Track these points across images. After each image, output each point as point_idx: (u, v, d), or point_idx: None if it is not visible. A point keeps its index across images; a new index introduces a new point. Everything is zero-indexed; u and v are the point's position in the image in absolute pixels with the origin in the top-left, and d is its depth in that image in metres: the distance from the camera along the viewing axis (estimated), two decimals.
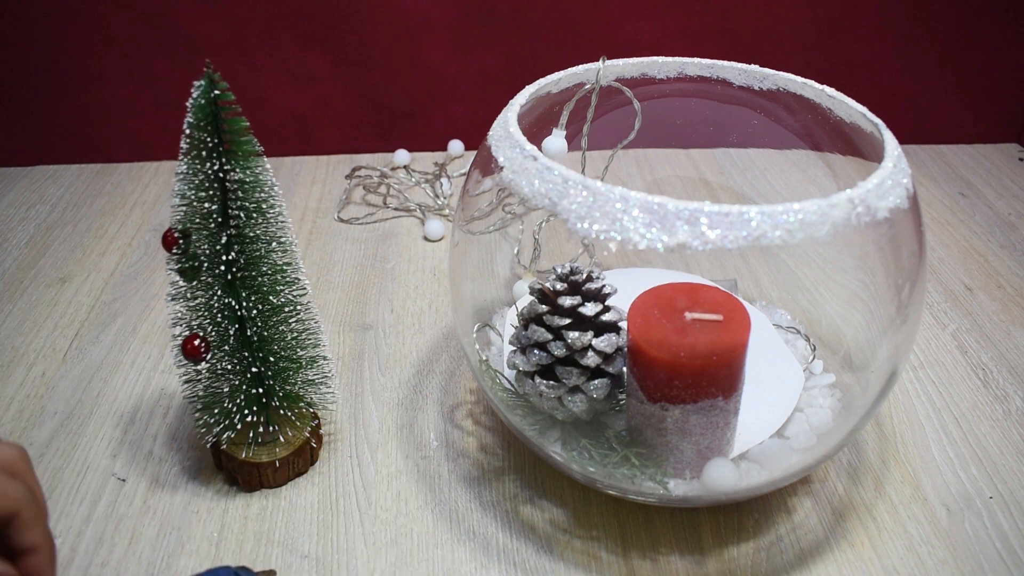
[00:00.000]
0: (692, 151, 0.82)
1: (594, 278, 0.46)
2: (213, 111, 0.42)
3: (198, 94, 0.42)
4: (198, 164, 0.43)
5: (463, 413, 0.56)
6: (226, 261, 0.44)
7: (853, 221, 0.37)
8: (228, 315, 0.45)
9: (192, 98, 0.42)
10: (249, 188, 0.44)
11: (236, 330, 0.46)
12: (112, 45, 0.85)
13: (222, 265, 0.44)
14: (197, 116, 0.42)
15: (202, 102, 0.42)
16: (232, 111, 0.42)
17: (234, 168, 0.43)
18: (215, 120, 0.42)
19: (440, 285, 0.70)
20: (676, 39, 0.89)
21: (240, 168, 0.43)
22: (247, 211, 0.44)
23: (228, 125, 0.42)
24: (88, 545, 0.47)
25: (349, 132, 0.92)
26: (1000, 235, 0.77)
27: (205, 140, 0.42)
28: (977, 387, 0.58)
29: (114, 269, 0.71)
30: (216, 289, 0.45)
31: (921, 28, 0.89)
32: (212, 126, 0.42)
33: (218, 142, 0.42)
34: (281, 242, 0.46)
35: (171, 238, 0.44)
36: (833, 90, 0.49)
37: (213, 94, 0.42)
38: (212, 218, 0.44)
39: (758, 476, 0.46)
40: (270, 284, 0.46)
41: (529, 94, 0.49)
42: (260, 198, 0.44)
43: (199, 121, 0.42)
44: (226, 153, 0.43)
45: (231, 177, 0.43)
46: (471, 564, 0.46)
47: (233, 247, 0.44)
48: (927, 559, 0.46)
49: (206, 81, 0.42)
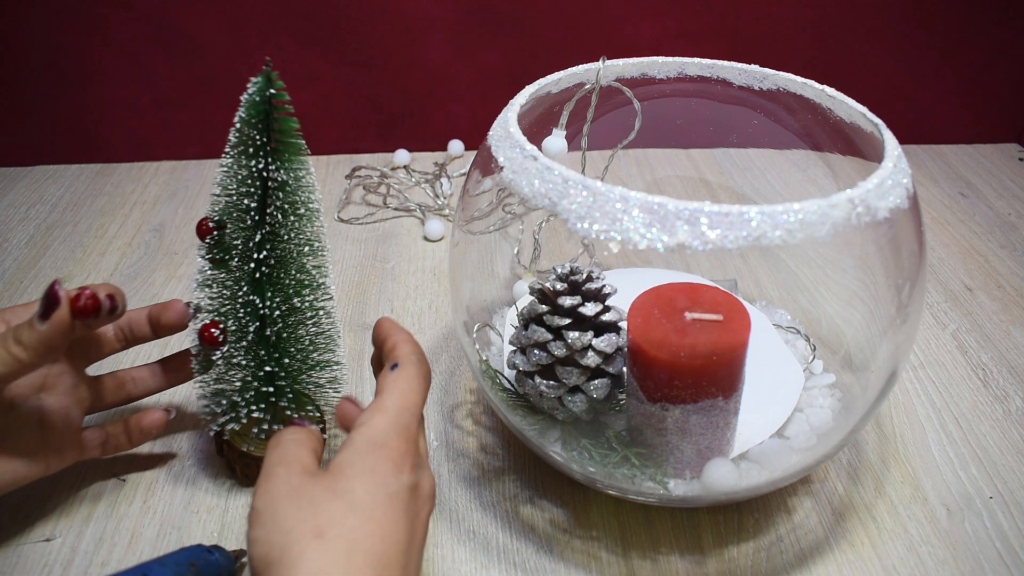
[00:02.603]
0: (692, 151, 0.82)
1: (594, 278, 0.46)
2: (266, 109, 0.42)
3: (254, 91, 0.42)
4: (243, 160, 0.43)
5: (463, 413, 0.56)
6: (256, 259, 0.44)
7: (853, 221, 0.37)
8: (250, 312, 0.45)
9: (247, 94, 0.42)
10: (290, 190, 0.44)
11: (256, 327, 0.46)
12: (112, 45, 0.85)
13: (252, 262, 0.45)
14: (249, 112, 0.42)
15: (256, 99, 0.42)
16: (285, 111, 0.43)
17: (279, 168, 0.43)
18: (267, 119, 0.43)
19: (440, 285, 0.70)
20: (676, 39, 0.89)
21: (285, 169, 0.44)
22: (284, 212, 0.44)
23: (280, 124, 0.43)
24: (88, 545, 0.47)
25: (349, 132, 0.92)
26: (1000, 235, 0.77)
27: (254, 137, 0.43)
28: (977, 387, 0.58)
29: (114, 269, 0.71)
30: (242, 284, 0.45)
31: (921, 28, 0.89)
32: (263, 124, 0.43)
33: (266, 141, 0.43)
34: (314, 246, 0.46)
35: (206, 227, 0.45)
36: (833, 90, 0.49)
37: (268, 92, 0.42)
38: (249, 215, 0.44)
39: (758, 476, 0.46)
40: (296, 287, 0.46)
41: (529, 94, 0.49)
42: (300, 200, 0.45)
43: (251, 117, 0.43)
44: (273, 152, 0.43)
45: (274, 176, 0.43)
46: (471, 564, 0.46)
47: (265, 246, 0.44)
48: (927, 559, 0.46)
49: (263, 79, 0.42)
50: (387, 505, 0.34)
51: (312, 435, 0.39)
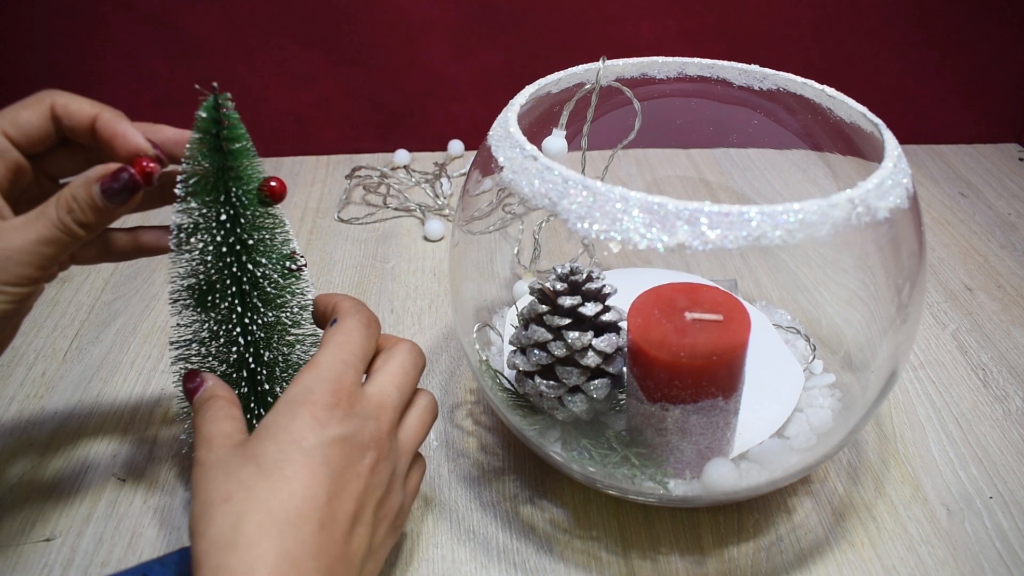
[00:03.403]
0: (692, 151, 0.82)
1: (594, 278, 0.46)
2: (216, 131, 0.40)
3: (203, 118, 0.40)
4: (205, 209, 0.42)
5: (463, 413, 0.56)
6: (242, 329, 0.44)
7: (853, 221, 0.37)
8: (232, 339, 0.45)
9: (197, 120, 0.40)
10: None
11: (238, 351, 0.45)
12: (112, 45, 0.85)
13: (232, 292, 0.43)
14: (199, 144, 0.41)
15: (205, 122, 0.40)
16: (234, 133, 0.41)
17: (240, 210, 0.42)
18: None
19: (440, 285, 0.70)
20: (676, 39, 0.89)
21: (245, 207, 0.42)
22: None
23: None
24: (88, 545, 0.47)
25: (349, 132, 0.92)
26: (1000, 235, 0.77)
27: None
28: (977, 387, 0.58)
29: (114, 269, 0.71)
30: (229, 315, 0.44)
31: (921, 28, 0.89)
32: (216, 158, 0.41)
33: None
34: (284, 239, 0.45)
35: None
36: (833, 90, 0.49)
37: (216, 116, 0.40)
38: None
39: (758, 476, 0.46)
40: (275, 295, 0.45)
41: (529, 94, 0.49)
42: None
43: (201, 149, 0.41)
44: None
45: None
46: (471, 564, 0.46)
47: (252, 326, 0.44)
48: (927, 559, 0.46)
49: (210, 104, 0.40)
50: (301, 461, 0.34)
51: (225, 403, 0.39)
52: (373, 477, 0.37)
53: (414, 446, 0.41)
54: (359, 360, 0.39)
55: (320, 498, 0.34)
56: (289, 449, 0.34)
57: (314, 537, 0.33)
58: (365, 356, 0.39)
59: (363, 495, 0.36)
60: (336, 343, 0.39)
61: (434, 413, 0.43)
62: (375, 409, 0.38)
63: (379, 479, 0.37)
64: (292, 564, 0.32)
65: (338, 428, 0.36)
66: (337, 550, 0.34)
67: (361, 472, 0.36)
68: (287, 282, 0.45)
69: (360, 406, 0.37)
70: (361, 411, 0.37)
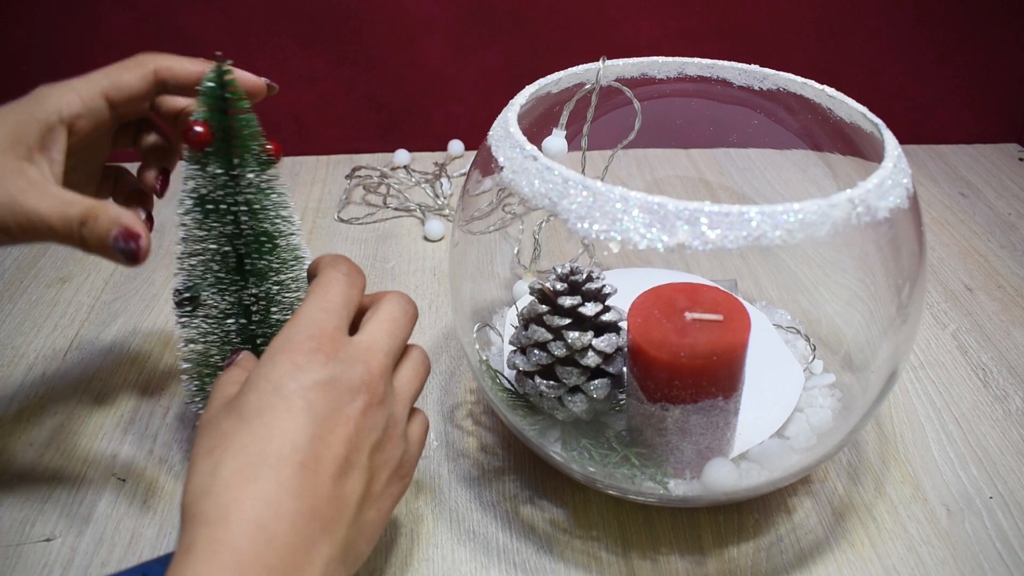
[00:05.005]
0: (692, 151, 0.82)
1: (594, 278, 0.46)
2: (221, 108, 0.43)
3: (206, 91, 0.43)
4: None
5: (463, 413, 0.56)
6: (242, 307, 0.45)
7: (853, 221, 0.37)
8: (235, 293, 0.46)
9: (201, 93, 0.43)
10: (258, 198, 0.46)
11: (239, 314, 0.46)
12: (112, 45, 0.85)
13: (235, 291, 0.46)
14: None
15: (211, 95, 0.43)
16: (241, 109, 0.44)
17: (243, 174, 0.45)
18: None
19: (440, 285, 0.70)
20: (676, 39, 0.89)
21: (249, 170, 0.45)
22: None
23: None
24: (88, 545, 0.47)
25: (349, 132, 0.92)
26: (1000, 235, 0.77)
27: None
28: (977, 387, 0.58)
29: (114, 269, 0.71)
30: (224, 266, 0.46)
31: (921, 28, 0.89)
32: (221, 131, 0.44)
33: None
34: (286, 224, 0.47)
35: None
36: (833, 90, 0.49)
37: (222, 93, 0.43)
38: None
39: (758, 476, 0.46)
40: (274, 269, 0.46)
41: (529, 94, 0.49)
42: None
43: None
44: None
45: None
46: (471, 564, 0.46)
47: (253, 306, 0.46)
48: (927, 559, 0.46)
49: (215, 74, 0.43)
50: (281, 406, 0.34)
51: (239, 370, 0.39)
52: (365, 420, 0.36)
53: (411, 395, 0.41)
54: (340, 307, 0.39)
55: (300, 440, 0.33)
56: (268, 396, 0.34)
57: (294, 478, 0.33)
58: (347, 303, 0.39)
59: (354, 438, 0.35)
60: (315, 294, 0.39)
61: (426, 365, 0.43)
62: (363, 354, 0.37)
63: (372, 423, 0.37)
64: (268, 505, 0.32)
65: (321, 372, 0.35)
66: (324, 492, 0.34)
67: (351, 415, 0.35)
68: (268, 174, 0.47)
69: (345, 352, 0.37)
70: (346, 356, 0.37)
